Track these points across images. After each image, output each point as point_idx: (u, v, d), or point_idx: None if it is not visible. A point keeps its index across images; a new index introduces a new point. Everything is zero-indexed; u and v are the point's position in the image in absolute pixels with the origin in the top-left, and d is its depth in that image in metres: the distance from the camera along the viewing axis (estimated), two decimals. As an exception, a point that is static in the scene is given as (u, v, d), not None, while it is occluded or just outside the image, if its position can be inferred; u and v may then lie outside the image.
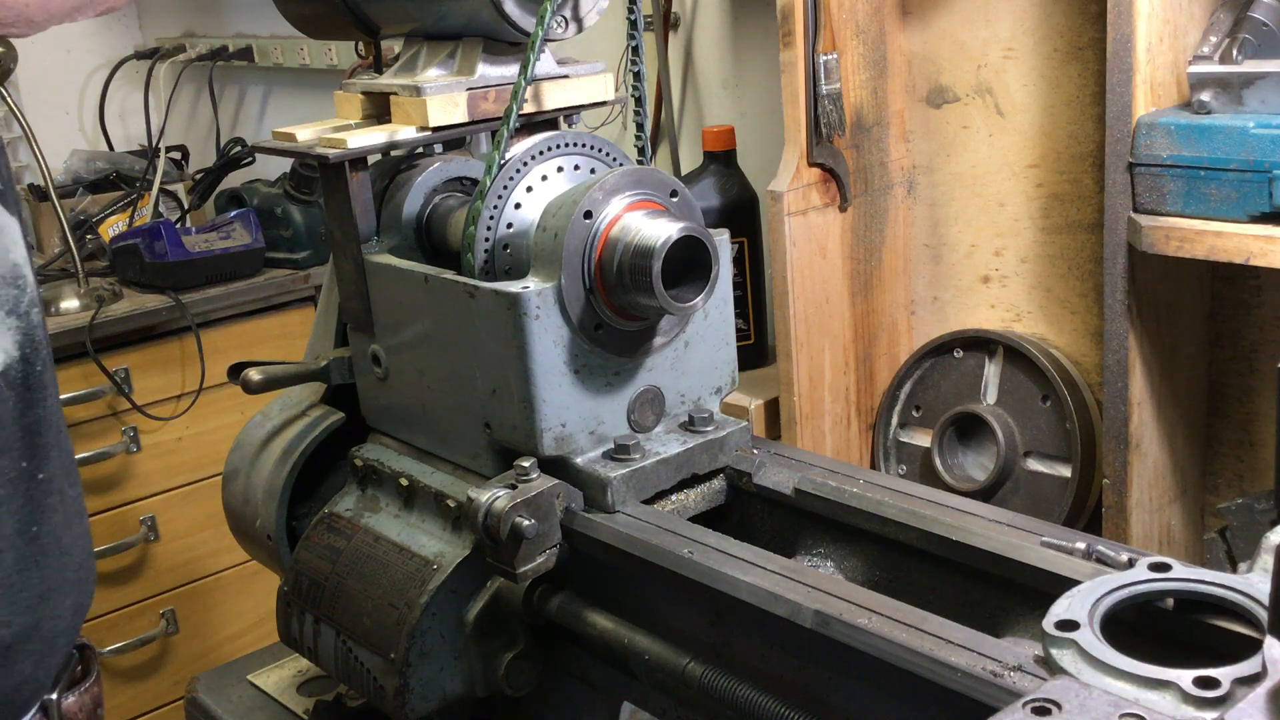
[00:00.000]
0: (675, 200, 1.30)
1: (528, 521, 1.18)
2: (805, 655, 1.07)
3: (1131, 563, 0.98)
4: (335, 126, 1.40)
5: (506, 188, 1.31)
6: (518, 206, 1.32)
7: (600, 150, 1.37)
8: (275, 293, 3.10)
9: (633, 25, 1.39)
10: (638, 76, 1.41)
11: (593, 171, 1.36)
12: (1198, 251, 1.58)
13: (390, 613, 1.31)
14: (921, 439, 2.12)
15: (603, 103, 1.47)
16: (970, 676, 0.91)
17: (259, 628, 3.16)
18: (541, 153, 1.33)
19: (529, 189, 1.32)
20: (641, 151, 1.47)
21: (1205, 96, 1.58)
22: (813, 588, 1.06)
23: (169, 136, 3.52)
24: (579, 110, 1.46)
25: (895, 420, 2.16)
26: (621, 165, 1.37)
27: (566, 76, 1.42)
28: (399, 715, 1.31)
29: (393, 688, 1.30)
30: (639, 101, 1.43)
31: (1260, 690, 0.75)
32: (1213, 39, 1.64)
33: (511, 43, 1.39)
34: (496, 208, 1.31)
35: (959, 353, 2.09)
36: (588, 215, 1.24)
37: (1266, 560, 0.90)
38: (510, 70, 1.40)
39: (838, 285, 2.04)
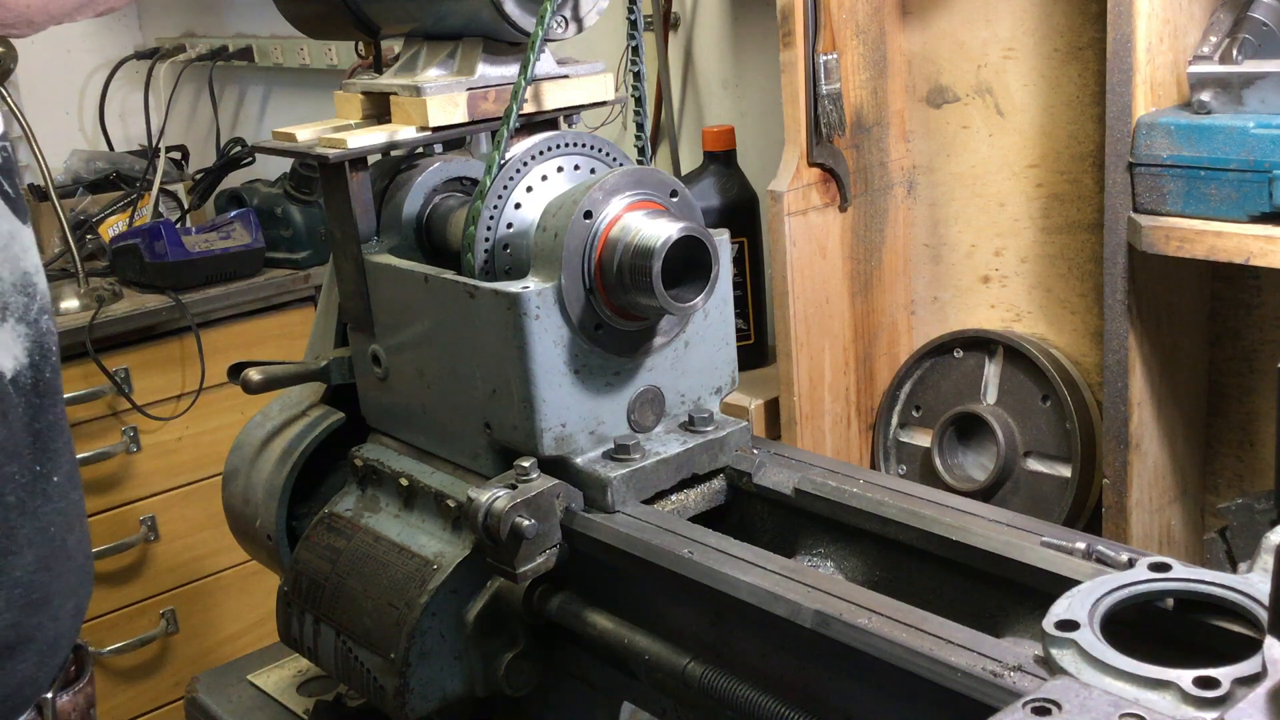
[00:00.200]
0: (675, 200, 1.30)
1: (528, 521, 1.18)
2: (805, 655, 1.07)
3: (1131, 563, 0.98)
4: (335, 126, 1.40)
5: (506, 188, 1.31)
6: (518, 206, 1.32)
7: (600, 150, 1.37)
8: (275, 293, 3.11)
9: (633, 25, 1.39)
10: (638, 76, 1.41)
11: (593, 171, 1.36)
12: (1198, 251, 1.58)
13: (390, 613, 1.31)
14: (921, 439, 2.12)
15: (603, 103, 1.47)
16: (970, 676, 0.91)
17: (259, 628, 3.16)
18: (541, 153, 1.33)
19: (529, 189, 1.32)
20: (641, 151, 1.47)
21: (1205, 96, 1.58)
22: (813, 588, 1.06)
23: (169, 136, 3.52)
24: (579, 110, 1.46)
25: (895, 420, 2.16)
26: (621, 165, 1.37)
27: (566, 76, 1.42)
28: (399, 715, 1.31)
29: (393, 688, 1.30)
30: (639, 101, 1.43)
31: (1260, 690, 0.75)
32: (1213, 39, 1.64)
33: (511, 43, 1.39)
34: (496, 208, 1.31)
35: (959, 353, 2.09)
36: (588, 215, 1.24)
37: (1266, 560, 0.90)
38: (510, 70, 1.40)
39: (838, 285, 2.04)
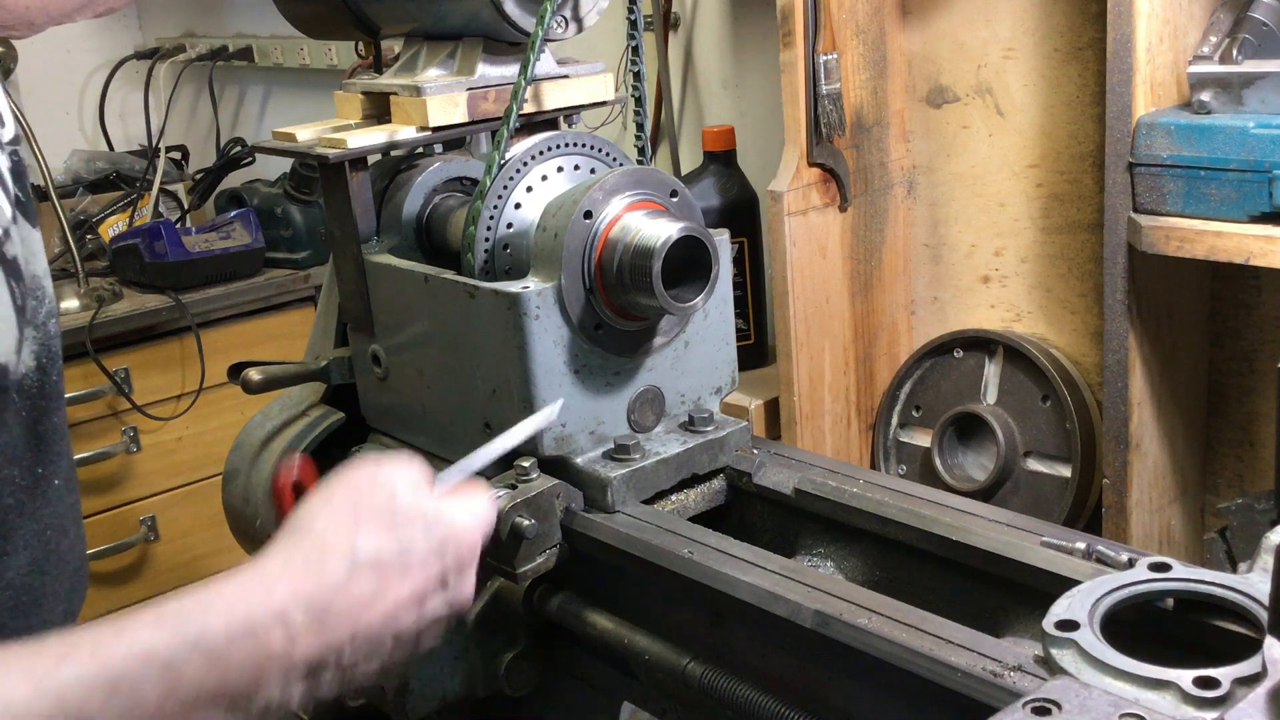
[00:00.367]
0: (675, 200, 1.30)
1: (528, 521, 1.18)
2: (805, 655, 1.07)
3: (1131, 563, 0.98)
4: (335, 126, 1.40)
5: (506, 188, 1.31)
6: (518, 206, 1.32)
7: (600, 150, 1.37)
8: (275, 293, 3.11)
9: (633, 25, 1.39)
10: (638, 76, 1.41)
11: (593, 171, 1.36)
12: (1198, 251, 1.58)
13: (390, 613, 1.31)
14: (921, 439, 2.12)
15: (603, 103, 1.47)
16: (970, 676, 0.91)
17: (258, 627, 3.15)
18: (541, 153, 1.33)
19: (529, 189, 1.32)
20: (641, 151, 1.47)
21: (1205, 96, 1.58)
22: (813, 588, 1.06)
23: (169, 136, 3.52)
24: (579, 110, 1.46)
25: (895, 420, 2.16)
26: (621, 165, 1.37)
27: (566, 76, 1.42)
28: (399, 715, 1.31)
29: (393, 688, 1.30)
30: (639, 101, 1.43)
31: (1260, 690, 0.75)
32: (1213, 39, 1.64)
33: (511, 43, 1.39)
34: (496, 208, 1.31)
35: (959, 353, 2.09)
36: (588, 215, 1.24)
37: (1266, 560, 0.90)
38: (510, 70, 1.40)
39: (838, 285, 2.04)
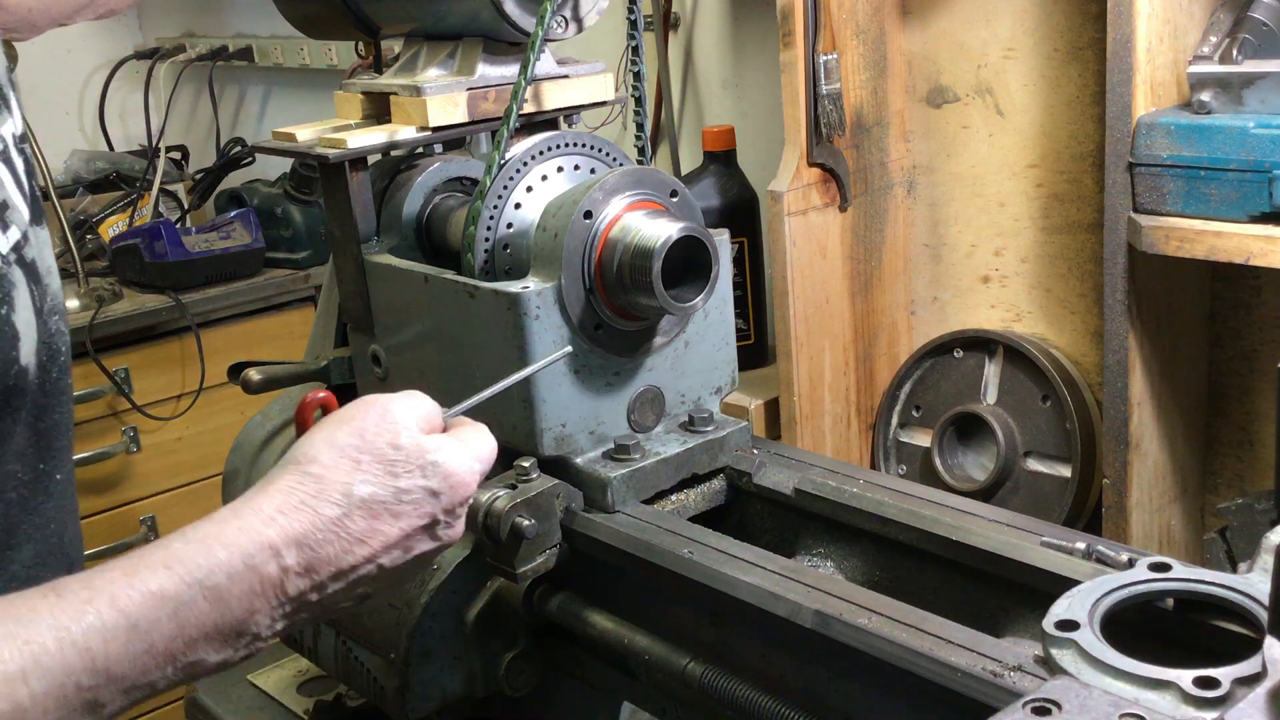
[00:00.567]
0: (675, 200, 1.30)
1: (528, 521, 1.18)
2: (805, 655, 1.07)
3: (1131, 563, 0.98)
4: (335, 126, 1.40)
5: (506, 188, 1.31)
6: (518, 206, 1.32)
7: (600, 150, 1.37)
8: (275, 293, 3.11)
9: (633, 25, 1.39)
10: (638, 76, 1.41)
11: (593, 171, 1.36)
12: (1198, 251, 1.58)
13: (390, 613, 1.31)
14: (921, 439, 2.12)
15: (603, 103, 1.47)
16: (970, 676, 0.91)
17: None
18: (541, 153, 1.33)
19: (529, 189, 1.32)
20: (641, 151, 1.47)
21: (1205, 96, 1.58)
22: (813, 588, 1.06)
23: (169, 136, 3.52)
24: (579, 110, 1.46)
25: (895, 420, 2.16)
26: (621, 165, 1.37)
27: (566, 76, 1.42)
28: (399, 715, 1.31)
29: (393, 688, 1.30)
30: (639, 101, 1.43)
31: (1260, 690, 0.75)
32: (1213, 39, 1.64)
33: (511, 43, 1.39)
34: (496, 208, 1.31)
35: (959, 353, 2.09)
36: (588, 215, 1.24)
37: (1266, 560, 0.90)
38: (510, 70, 1.40)
39: (838, 285, 2.04)
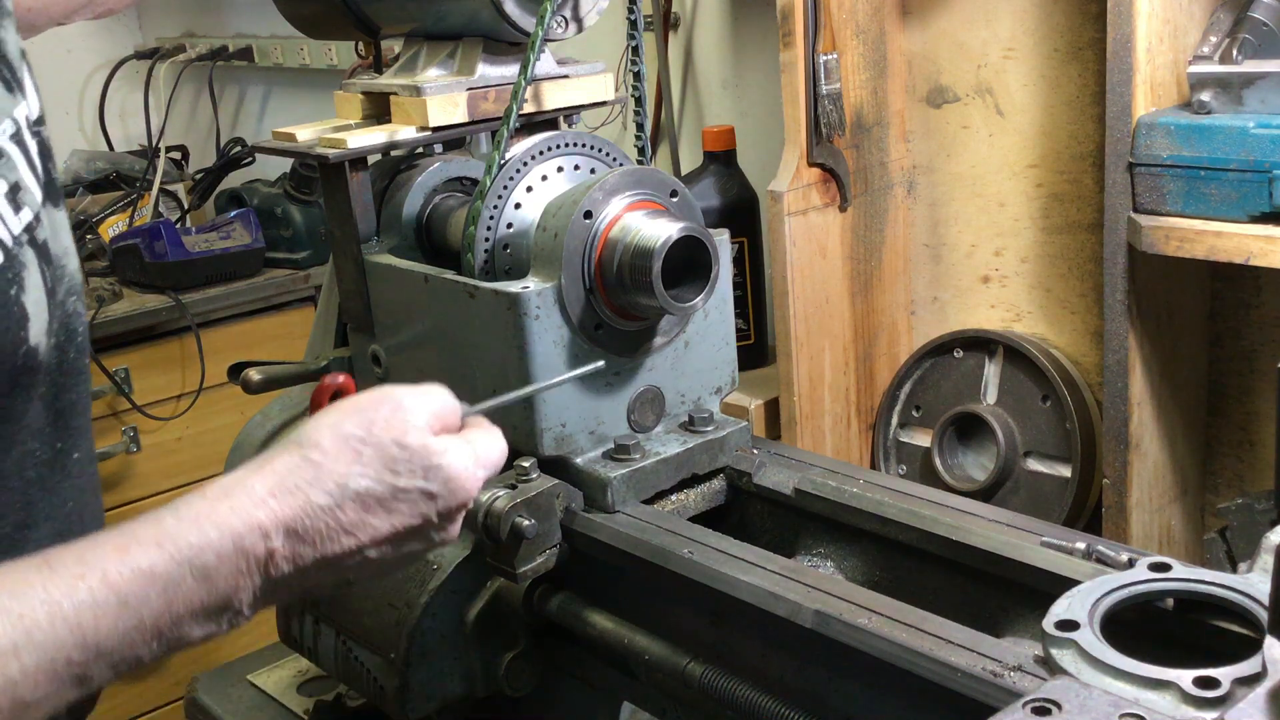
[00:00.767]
0: (675, 200, 1.30)
1: (528, 521, 1.18)
2: (805, 655, 1.07)
3: (1131, 563, 0.98)
4: (335, 126, 1.40)
5: (506, 188, 1.31)
6: (518, 206, 1.32)
7: (600, 150, 1.37)
8: (275, 293, 3.10)
9: (633, 25, 1.39)
10: (638, 76, 1.41)
11: (593, 171, 1.36)
12: (1198, 251, 1.58)
13: (390, 613, 1.31)
14: (921, 439, 2.12)
15: (603, 103, 1.47)
16: (970, 676, 0.91)
17: (259, 628, 3.10)
18: (541, 153, 1.33)
19: (529, 189, 1.32)
20: (641, 151, 1.47)
21: (1205, 96, 1.58)
22: (813, 588, 1.06)
23: (169, 136, 3.52)
24: (579, 110, 1.46)
25: (895, 420, 2.16)
26: (621, 165, 1.37)
27: (566, 76, 1.42)
28: (399, 715, 1.31)
29: (393, 688, 1.30)
30: (639, 101, 1.43)
31: (1260, 690, 0.75)
32: (1213, 39, 1.64)
33: (511, 43, 1.39)
34: (496, 208, 1.31)
35: (959, 353, 2.09)
36: (588, 215, 1.24)
37: (1266, 560, 0.90)
38: (510, 70, 1.40)
39: (838, 285, 2.04)
